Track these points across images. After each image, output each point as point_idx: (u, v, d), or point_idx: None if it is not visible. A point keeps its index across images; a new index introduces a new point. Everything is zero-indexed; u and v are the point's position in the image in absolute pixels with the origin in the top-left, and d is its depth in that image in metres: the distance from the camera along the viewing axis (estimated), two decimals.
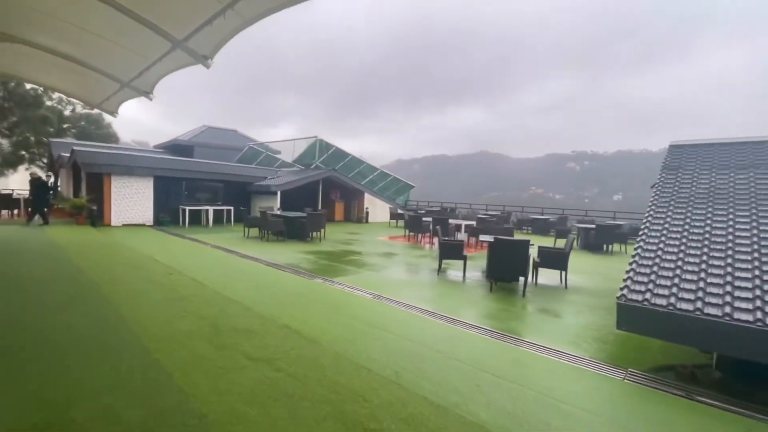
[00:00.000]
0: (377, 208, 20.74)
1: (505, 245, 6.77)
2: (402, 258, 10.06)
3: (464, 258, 8.02)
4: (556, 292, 7.03)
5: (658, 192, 6.00)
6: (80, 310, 4.94)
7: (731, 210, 5.05)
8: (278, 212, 13.83)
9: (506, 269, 6.89)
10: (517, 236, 10.66)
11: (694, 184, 5.89)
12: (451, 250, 8.07)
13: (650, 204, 5.76)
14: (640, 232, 5.22)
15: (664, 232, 5.02)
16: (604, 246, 13.01)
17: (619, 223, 15.26)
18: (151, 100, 9.21)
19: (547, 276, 8.09)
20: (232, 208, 16.10)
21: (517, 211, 20.70)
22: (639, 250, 4.83)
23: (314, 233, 12.64)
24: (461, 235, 12.85)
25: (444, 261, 8.48)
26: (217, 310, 5.07)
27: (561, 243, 13.45)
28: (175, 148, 25.34)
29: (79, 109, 28.37)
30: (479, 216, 15.29)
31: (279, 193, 16.27)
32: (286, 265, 8.35)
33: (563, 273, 7.53)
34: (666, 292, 4.02)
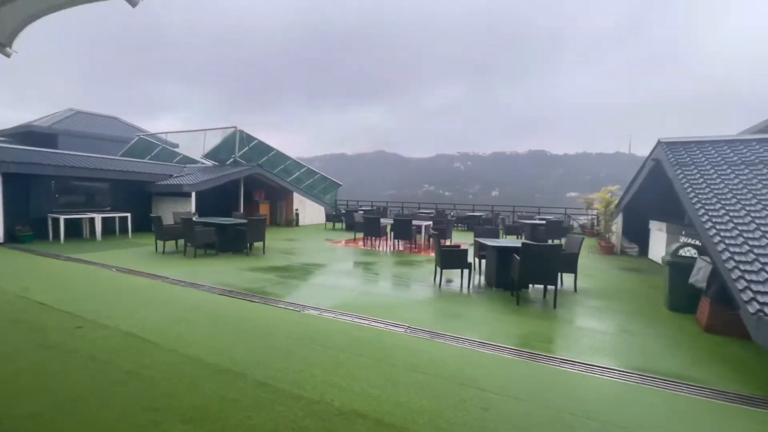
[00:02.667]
0: (307, 209, 18.62)
1: (533, 251, 5.92)
2: (376, 268, 8.61)
3: (469, 267, 7.00)
4: (574, 298, 6.48)
5: (691, 188, 5.77)
6: None
7: None
8: (196, 218, 10.99)
9: (532, 277, 6.06)
10: (454, 233, 10.08)
11: (724, 180, 5.79)
12: (455, 259, 6.97)
13: (694, 201, 5.47)
14: (708, 229, 4.82)
15: (737, 229, 4.67)
16: (549, 240, 13.44)
17: (549, 218, 16.19)
18: (8, 56, 6.10)
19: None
20: (129, 214, 12.43)
21: (450, 209, 20.77)
22: (727, 253, 4.35)
23: (252, 244, 10.28)
24: (422, 237, 11.91)
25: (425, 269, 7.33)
26: (209, 396, 3.05)
27: (511, 239, 13.54)
28: (29, 136, 19.09)
29: None
30: (430, 216, 14.58)
31: (194, 194, 13.14)
32: (247, 292, 6.23)
33: (572, 276, 7.08)
34: None
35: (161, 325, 4.58)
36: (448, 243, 12.22)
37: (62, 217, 10.98)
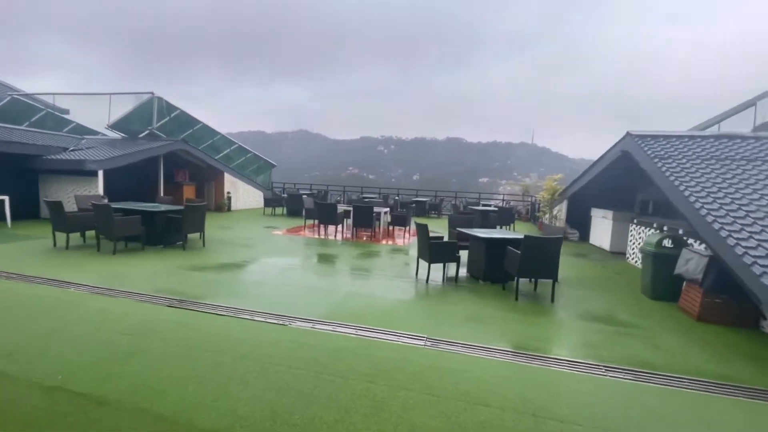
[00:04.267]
0: (240, 192, 16.57)
1: (535, 244, 5.59)
2: (344, 262, 7.72)
3: (458, 260, 6.52)
4: (560, 289, 6.39)
5: (678, 180, 5.89)
6: None
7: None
8: (104, 201, 8.80)
9: (532, 270, 5.77)
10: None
11: (702, 173, 6.03)
12: (443, 252, 6.43)
13: (686, 193, 5.56)
14: (705, 216, 4.96)
15: (724, 210, 4.88)
16: (497, 226, 13.72)
17: (491, 205, 16.64)
18: None
19: None
20: (6, 197, 9.53)
21: (393, 194, 20.30)
22: (725, 232, 4.48)
23: (188, 235, 8.54)
24: (381, 224, 11.20)
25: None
26: None
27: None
28: None
29: None
30: (378, 202, 13.89)
31: (101, 173, 10.58)
32: (204, 301, 4.94)
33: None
34: None
35: (101, 365, 3.22)
36: (406, 230, 11.70)
37: None
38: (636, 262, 8.75)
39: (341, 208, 10.69)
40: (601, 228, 11.02)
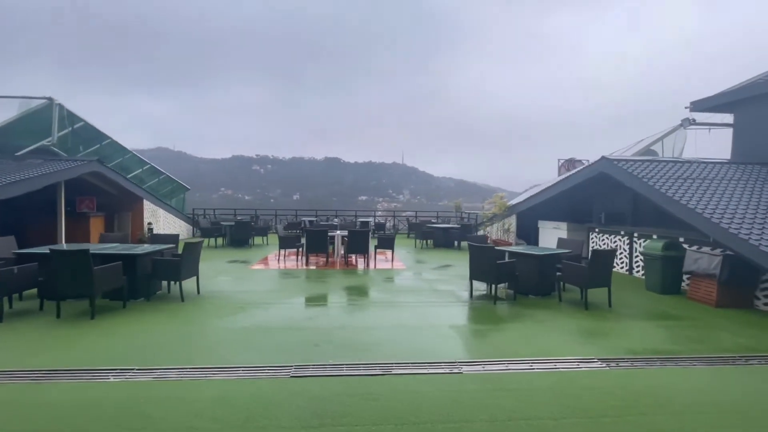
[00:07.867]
0: (161, 222, 13.60)
1: (601, 256, 6.15)
2: (370, 292, 7.13)
3: (517, 279, 6.69)
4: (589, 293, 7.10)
5: (674, 194, 7.21)
6: None
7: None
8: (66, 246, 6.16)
9: (594, 281, 6.29)
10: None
11: (687, 190, 7.50)
12: (507, 272, 6.55)
13: (691, 206, 6.83)
14: (717, 223, 6.12)
15: (745, 222, 6.14)
16: (455, 243, 14.44)
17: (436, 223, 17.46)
18: None
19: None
20: None
21: (331, 215, 19.46)
22: (743, 229, 5.66)
23: (173, 282, 6.66)
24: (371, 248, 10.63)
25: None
26: None
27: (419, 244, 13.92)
28: None
29: None
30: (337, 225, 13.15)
31: None
32: (316, 362, 3.96)
33: None
34: None
35: None
36: (388, 254, 11.35)
37: None
38: None
39: (333, 234, 9.79)
40: (554, 237, 12.62)
